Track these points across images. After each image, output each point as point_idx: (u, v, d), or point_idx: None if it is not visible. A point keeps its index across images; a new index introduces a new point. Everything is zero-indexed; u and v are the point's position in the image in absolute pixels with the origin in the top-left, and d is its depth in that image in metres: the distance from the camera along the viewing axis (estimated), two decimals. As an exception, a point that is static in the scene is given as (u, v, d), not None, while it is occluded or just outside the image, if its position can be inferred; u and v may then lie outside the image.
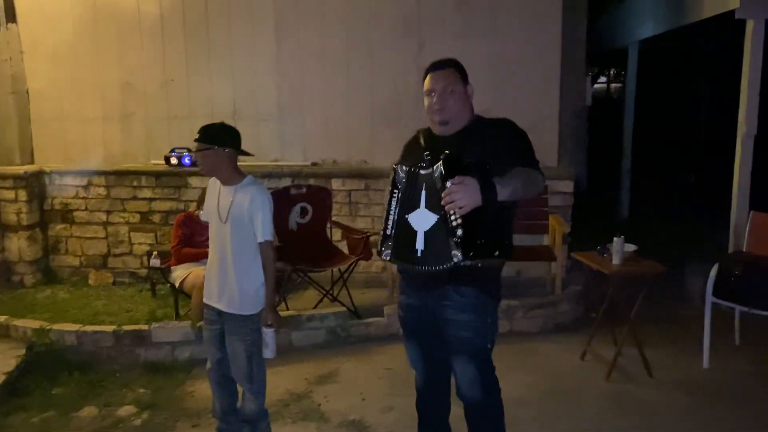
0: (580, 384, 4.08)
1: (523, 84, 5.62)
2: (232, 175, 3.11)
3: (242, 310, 3.10)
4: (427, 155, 2.54)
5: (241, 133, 3.22)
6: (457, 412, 2.88)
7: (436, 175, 2.34)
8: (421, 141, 2.69)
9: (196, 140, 3.06)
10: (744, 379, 4.12)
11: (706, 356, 4.27)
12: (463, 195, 2.23)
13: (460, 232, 2.32)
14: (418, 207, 2.44)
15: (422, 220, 2.44)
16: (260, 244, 3.09)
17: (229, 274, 3.10)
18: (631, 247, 4.22)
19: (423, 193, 2.43)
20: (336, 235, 5.65)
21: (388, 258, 2.57)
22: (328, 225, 5.53)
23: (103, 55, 6.09)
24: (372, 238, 5.26)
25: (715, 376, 4.16)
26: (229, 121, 5.89)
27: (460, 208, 2.24)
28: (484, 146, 2.49)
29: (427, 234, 2.45)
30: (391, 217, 2.52)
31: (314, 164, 5.95)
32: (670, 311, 5.20)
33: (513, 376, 4.09)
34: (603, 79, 17.07)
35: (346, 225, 5.60)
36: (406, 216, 2.48)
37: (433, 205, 2.40)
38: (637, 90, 8.54)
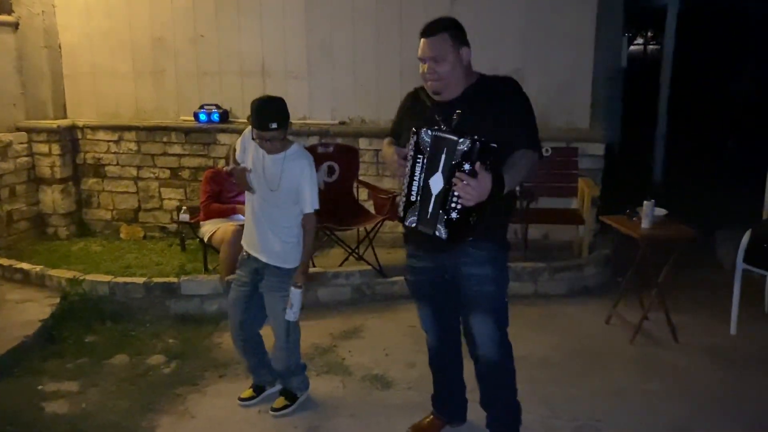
0: (604, 347, 4.08)
1: (556, 44, 5.50)
2: (284, 144, 3.11)
3: (284, 263, 3.17)
4: (438, 117, 2.49)
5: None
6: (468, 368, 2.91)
7: (460, 148, 2.28)
8: (426, 101, 2.63)
9: (274, 129, 2.96)
10: (772, 347, 4.09)
11: (733, 323, 4.23)
12: (473, 189, 2.23)
13: (454, 215, 2.33)
14: (437, 171, 2.38)
15: (437, 184, 2.40)
16: (307, 213, 3.16)
17: (271, 232, 3.16)
18: (661, 212, 4.16)
19: (443, 157, 2.35)
20: (363, 194, 5.67)
21: (413, 225, 2.50)
22: (355, 184, 5.54)
23: (135, 10, 6.11)
24: (398, 199, 5.27)
25: (742, 343, 4.12)
26: (257, 78, 5.98)
27: (466, 198, 2.25)
28: (487, 110, 2.47)
29: (435, 198, 2.41)
30: (415, 183, 2.45)
31: (342, 123, 5.94)
32: (699, 277, 5.14)
33: (537, 337, 4.11)
34: (640, 40, 16.61)
35: (373, 185, 5.61)
36: (429, 180, 2.42)
37: (446, 173, 2.35)
38: (676, 52, 8.29)
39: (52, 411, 3.42)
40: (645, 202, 4.08)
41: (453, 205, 2.32)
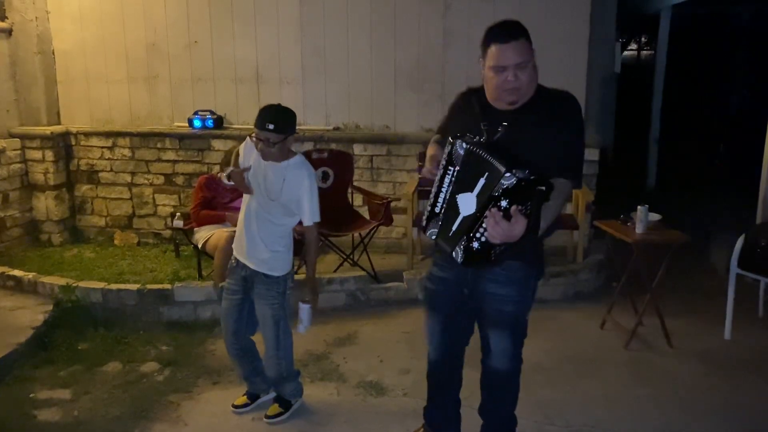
0: (598, 352, 4.08)
1: (550, 49, 5.45)
2: (287, 154, 3.10)
3: (272, 270, 3.16)
4: (485, 125, 2.36)
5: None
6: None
7: (504, 182, 2.08)
8: (476, 108, 2.48)
9: (270, 130, 2.93)
10: (766, 351, 4.08)
11: (728, 327, 4.23)
12: (502, 231, 2.10)
13: (476, 245, 2.21)
14: (471, 191, 2.23)
15: (467, 204, 2.26)
16: (308, 226, 3.13)
17: (261, 240, 3.14)
18: (655, 217, 4.17)
19: (482, 180, 2.18)
20: (357, 200, 5.66)
21: (433, 237, 2.40)
22: (350, 190, 5.54)
23: (129, 16, 6.09)
24: (393, 204, 5.28)
25: (737, 347, 4.13)
26: (251, 85, 5.98)
27: (493, 236, 2.13)
28: (538, 127, 2.35)
29: (463, 219, 2.29)
30: (442, 195, 2.33)
31: (336, 129, 5.94)
32: (693, 282, 5.16)
33: (531, 341, 4.04)
34: (634, 45, 16.68)
35: (368, 190, 5.60)
36: (457, 195, 2.29)
37: (480, 198, 2.21)
38: (669, 58, 8.33)
39: (44, 419, 3.40)
40: (639, 207, 4.08)
41: (478, 235, 2.20)
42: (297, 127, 3.11)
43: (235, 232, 4.18)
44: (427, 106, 5.64)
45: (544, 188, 2.11)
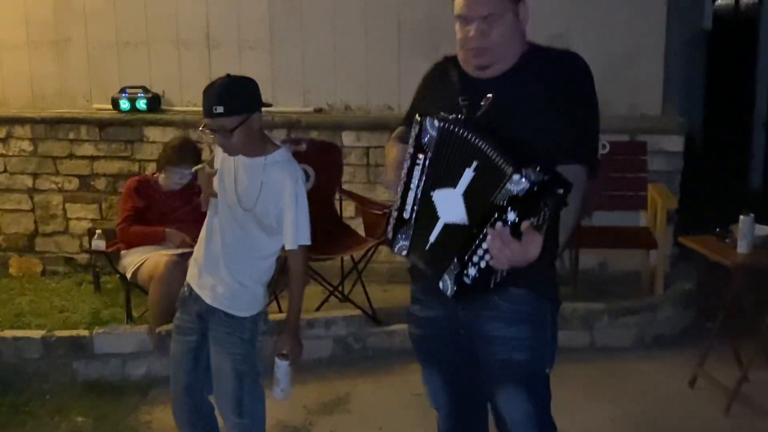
0: (688, 419, 4.09)
1: (615, 1, 5.55)
2: (262, 144, 3.08)
3: (237, 309, 3.13)
4: (463, 99, 2.37)
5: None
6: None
7: (511, 187, 2.04)
8: (454, 79, 2.52)
9: (219, 114, 2.89)
10: None
11: None
12: (511, 254, 2.06)
13: (473, 272, 2.18)
14: (453, 186, 2.21)
15: (450, 206, 2.24)
16: (291, 251, 3.09)
17: (226, 267, 3.11)
18: (764, 230, 4.18)
19: (470, 173, 2.17)
20: (348, 209, 5.69)
21: (404, 253, 2.39)
22: (337, 195, 5.57)
23: (28, -42, 6.15)
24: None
25: None
26: (200, 50, 6.00)
27: (499, 261, 2.09)
28: (533, 98, 2.37)
29: (445, 227, 2.27)
30: (411, 194, 2.31)
31: (318, 111, 5.97)
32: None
33: (594, 406, 4.10)
34: (730, -8, 16.81)
35: (362, 195, 5.62)
36: (432, 192, 2.28)
37: (472, 202, 2.19)
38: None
39: None
40: (741, 217, 4.09)
41: (476, 259, 2.16)
42: (265, 109, 3.10)
43: (177, 255, 4.17)
44: (444, 78, 5.66)
45: (562, 190, 2.08)
